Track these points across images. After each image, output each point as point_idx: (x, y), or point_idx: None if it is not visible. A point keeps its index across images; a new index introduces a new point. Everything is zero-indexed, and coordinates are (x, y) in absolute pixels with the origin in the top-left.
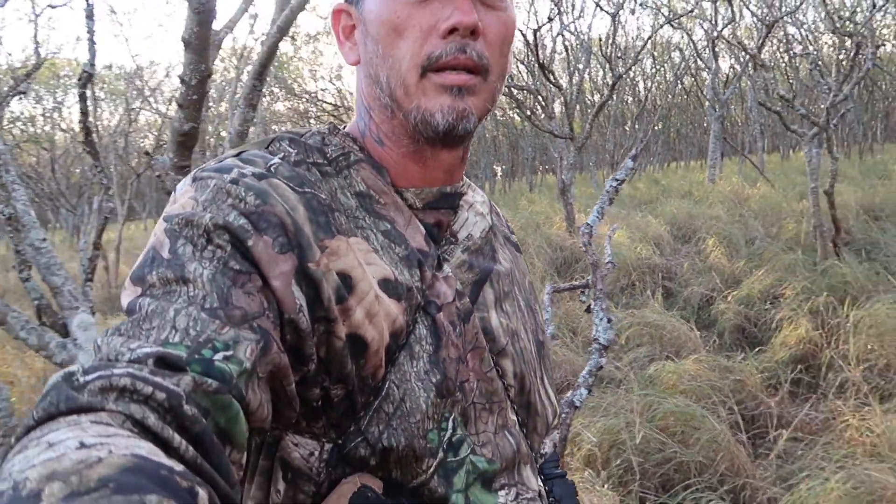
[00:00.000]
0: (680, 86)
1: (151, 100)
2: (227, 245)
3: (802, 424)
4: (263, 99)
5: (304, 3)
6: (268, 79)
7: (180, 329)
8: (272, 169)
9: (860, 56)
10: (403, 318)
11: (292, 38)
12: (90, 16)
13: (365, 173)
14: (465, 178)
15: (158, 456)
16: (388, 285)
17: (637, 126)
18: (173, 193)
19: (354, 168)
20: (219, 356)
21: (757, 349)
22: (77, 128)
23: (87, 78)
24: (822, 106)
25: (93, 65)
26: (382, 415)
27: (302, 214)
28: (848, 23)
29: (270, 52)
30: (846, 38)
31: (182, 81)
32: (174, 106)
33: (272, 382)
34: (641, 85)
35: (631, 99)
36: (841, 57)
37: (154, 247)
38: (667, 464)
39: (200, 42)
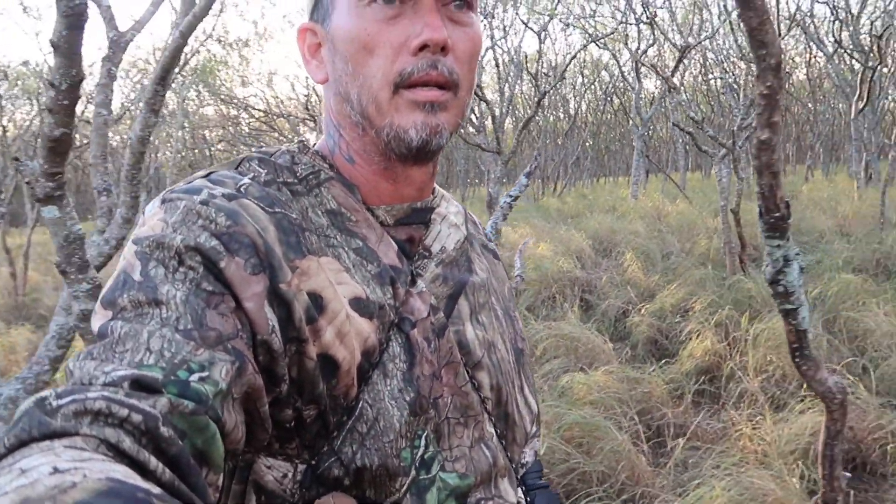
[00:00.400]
0: (609, 104)
1: None
2: (199, 266)
3: (703, 433)
4: (191, 103)
5: (208, 8)
6: (197, 84)
7: (155, 351)
8: (242, 189)
9: None
10: (376, 336)
11: (219, 42)
12: None
13: (336, 191)
14: (437, 189)
15: (135, 479)
16: (359, 304)
17: (567, 142)
18: (142, 216)
19: (325, 186)
20: (194, 377)
21: (663, 361)
22: None
23: None
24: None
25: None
26: (356, 434)
27: (273, 235)
28: None
29: (173, 57)
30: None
31: (52, 86)
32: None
33: (246, 404)
34: (573, 102)
35: (563, 115)
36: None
37: (125, 270)
38: (570, 473)
39: (70, 46)
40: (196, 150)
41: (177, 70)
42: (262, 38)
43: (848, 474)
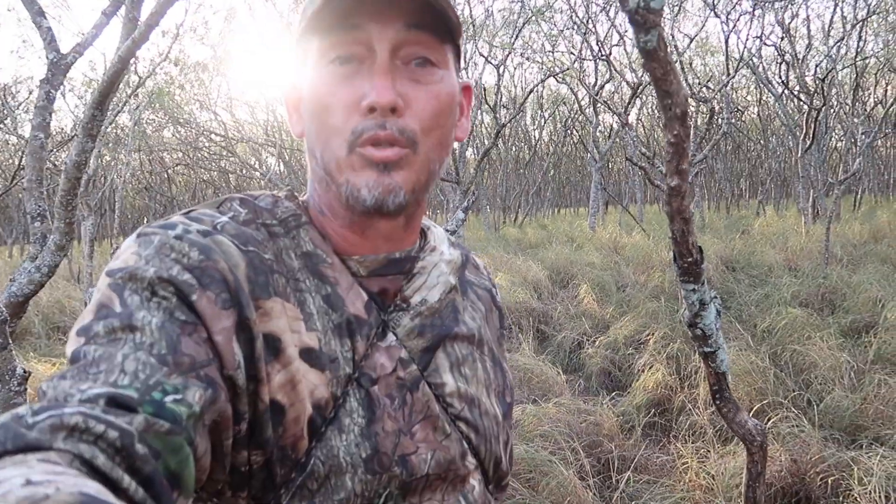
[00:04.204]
0: (569, 136)
1: (7, 120)
2: (172, 297)
3: (651, 466)
4: (147, 126)
5: (147, 34)
6: (153, 105)
7: (129, 372)
8: (218, 227)
9: (714, 121)
10: (327, 389)
11: (175, 64)
12: None
13: (314, 233)
14: (431, 236)
15: (107, 496)
16: (310, 355)
17: (527, 172)
18: (117, 250)
19: (304, 228)
20: (169, 398)
21: (614, 392)
22: None
23: None
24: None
25: None
26: (305, 492)
27: (243, 272)
28: (706, 89)
29: (111, 82)
30: (702, 103)
31: None
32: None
33: (212, 435)
34: (537, 134)
35: (524, 146)
36: (699, 121)
37: (100, 301)
38: None
39: None
40: (151, 173)
41: (131, 92)
42: (221, 62)
43: None
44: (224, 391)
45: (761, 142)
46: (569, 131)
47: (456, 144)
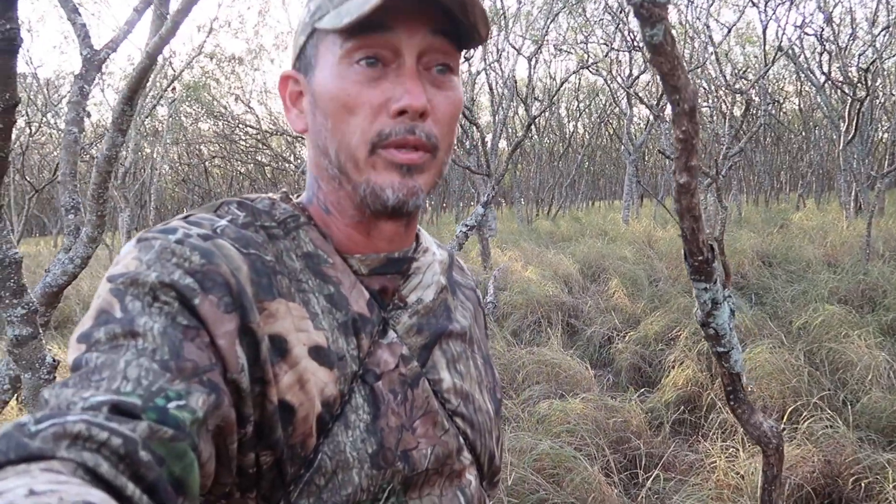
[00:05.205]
0: (604, 128)
1: (50, 115)
2: (174, 302)
3: (679, 464)
4: (184, 119)
5: (174, 30)
6: (188, 99)
7: (132, 379)
8: (218, 230)
9: (751, 112)
10: (335, 387)
11: (211, 58)
12: None
13: (313, 234)
14: (421, 238)
15: None
16: (319, 353)
17: (562, 164)
18: (118, 255)
19: (303, 229)
20: (172, 405)
21: (643, 389)
22: None
23: None
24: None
25: None
26: (313, 487)
27: (245, 275)
28: (742, 80)
29: (140, 77)
30: (738, 94)
31: None
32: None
33: (216, 439)
34: (571, 126)
35: (558, 137)
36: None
37: (101, 307)
38: None
39: (4, 70)
40: (188, 165)
41: (167, 85)
42: (256, 56)
43: None
44: (227, 396)
45: (803, 133)
46: (604, 123)
47: (488, 137)
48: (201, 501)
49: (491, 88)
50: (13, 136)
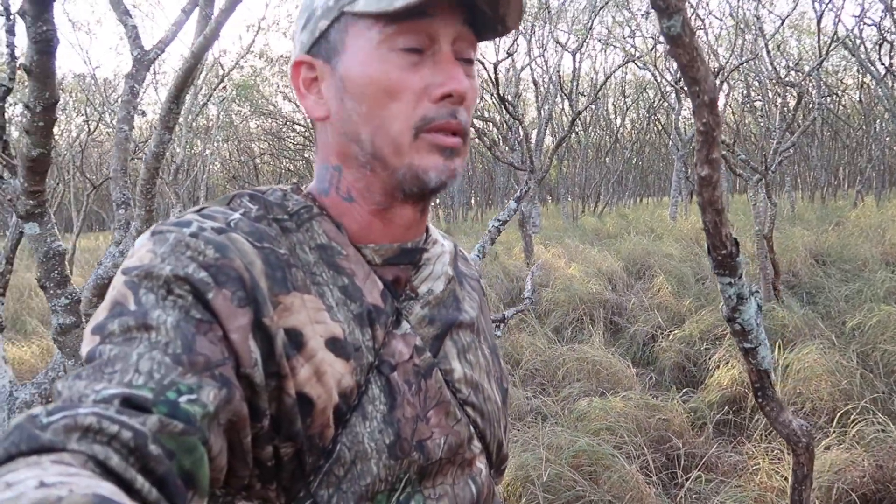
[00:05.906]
0: (653, 123)
1: (108, 115)
2: (188, 295)
3: (722, 465)
4: (234, 117)
5: (217, 31)
6: (237, 98)
7: (144, 372)
8: (232, 224)
9: (803, 106)
10: (352, 378)
11: (260, 56)
12: (10, 30)
13: (327, 225)
14: (430, 230)
15: (121, 497)
16: (335, 345)
17: (609, 160)
18: (132, 247)
19: (316, 220)
20: (183, 399)
21: (686, 388)
22: None
23: (4, 92)
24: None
25: (12, 79)
26: (333, 478)
27: (259, 269)
28: (794, 73)
29: (185, 77)
30: (790, 87)
31: (27, 108)
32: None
33: (229, 434)
34: (619, 121)
35: (605, 133)
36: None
37: (115, 299)
38: (576, 502)
39: (42, 70)
40: (238, 162)
41: (216, 83)
42: None
43: None
44: (239, 390)
45: (863, 127)
46: (652, 118)
47: (532, 133)
48: (220, 494)
49: (536, 84)
50: (73, 135)
